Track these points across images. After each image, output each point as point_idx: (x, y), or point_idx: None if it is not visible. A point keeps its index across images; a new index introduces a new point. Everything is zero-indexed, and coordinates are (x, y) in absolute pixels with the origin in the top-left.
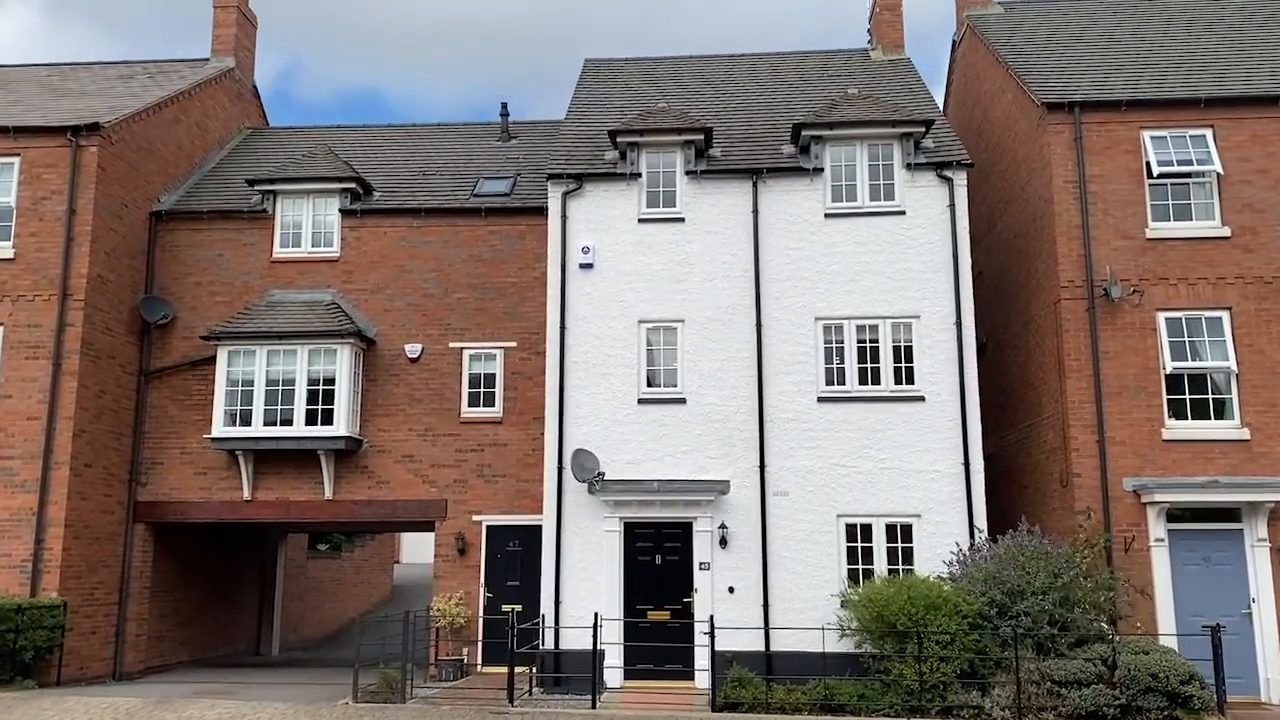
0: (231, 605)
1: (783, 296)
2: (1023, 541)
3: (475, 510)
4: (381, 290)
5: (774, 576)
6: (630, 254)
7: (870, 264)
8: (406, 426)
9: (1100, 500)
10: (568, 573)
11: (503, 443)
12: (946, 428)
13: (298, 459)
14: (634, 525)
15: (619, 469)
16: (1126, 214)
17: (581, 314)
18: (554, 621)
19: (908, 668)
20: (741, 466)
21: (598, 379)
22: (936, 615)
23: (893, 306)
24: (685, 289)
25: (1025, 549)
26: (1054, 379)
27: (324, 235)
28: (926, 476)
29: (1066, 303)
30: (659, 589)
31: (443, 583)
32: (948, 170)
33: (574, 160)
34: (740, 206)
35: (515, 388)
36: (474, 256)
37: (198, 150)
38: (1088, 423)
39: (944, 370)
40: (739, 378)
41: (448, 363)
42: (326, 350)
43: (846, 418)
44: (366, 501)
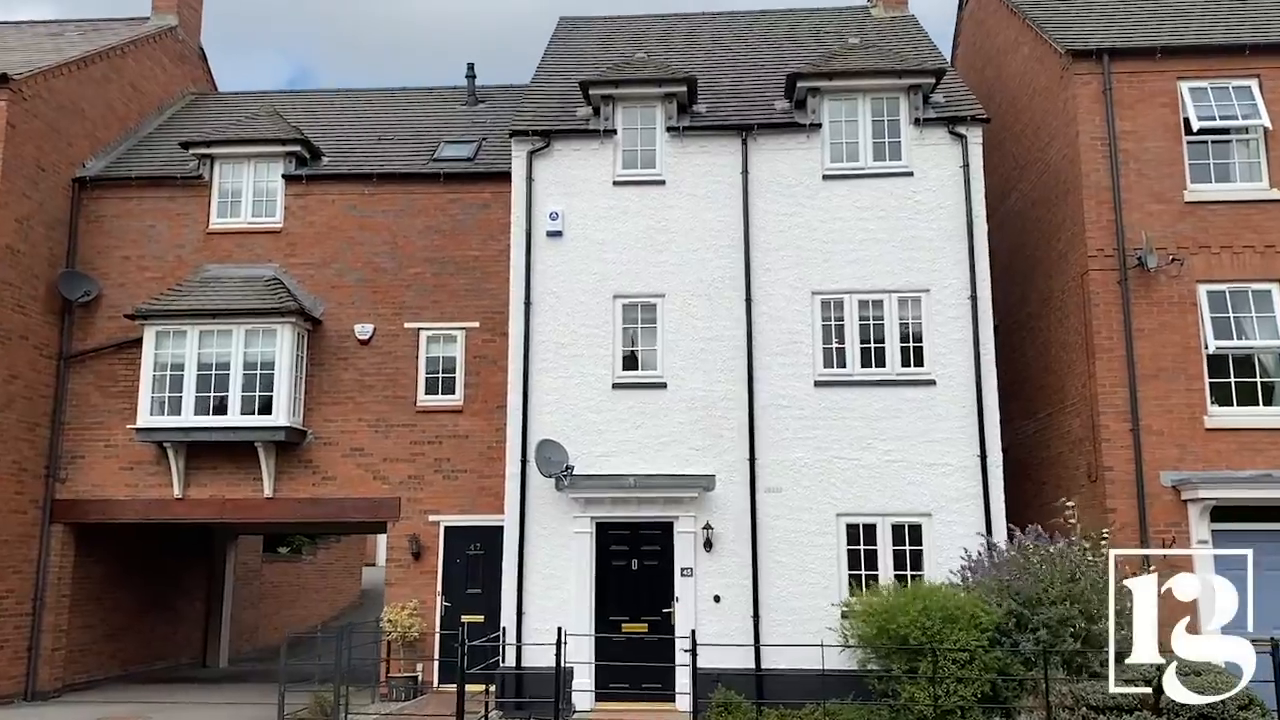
0: (173, 614)
1: (775, 268)
2: (1028, 544)
3: (432, 509)
4: (329, 264)
5: (766, 584)
6: (604, 221)
7: (874, 231)
8: (356, 416)
9: (1134, 497)
10: (532, 580)
11: (463, 434)
12: (960, 415)
13: (235, 452)
14: (607, 526)
15: (591, 462)
16: (1162, 175)
17: (549, 288)
18: (515, 636)
19: (920, 690)
20: (729, 459)
21: (567, 361)
22: (953, 629)
23: (899, 279)
24: (666, 260)
25: (1035, 552)
26: (1080, 361)
27: (266, 204)
28: (938, 470)
29: (1095, 274)
30: (635, 598)
31: (395, 591)
32: (960, 126)
33: (542, 116)
34: (728, 167)
35: (478, 373)
36: (432, 227)
37: (132, 114)
38: (1119, 410)
39: (957, 350)
40: (726, 360)
41: (402, 345)
42: (266, 330)
43: (847, 404)
44: (311, 500)
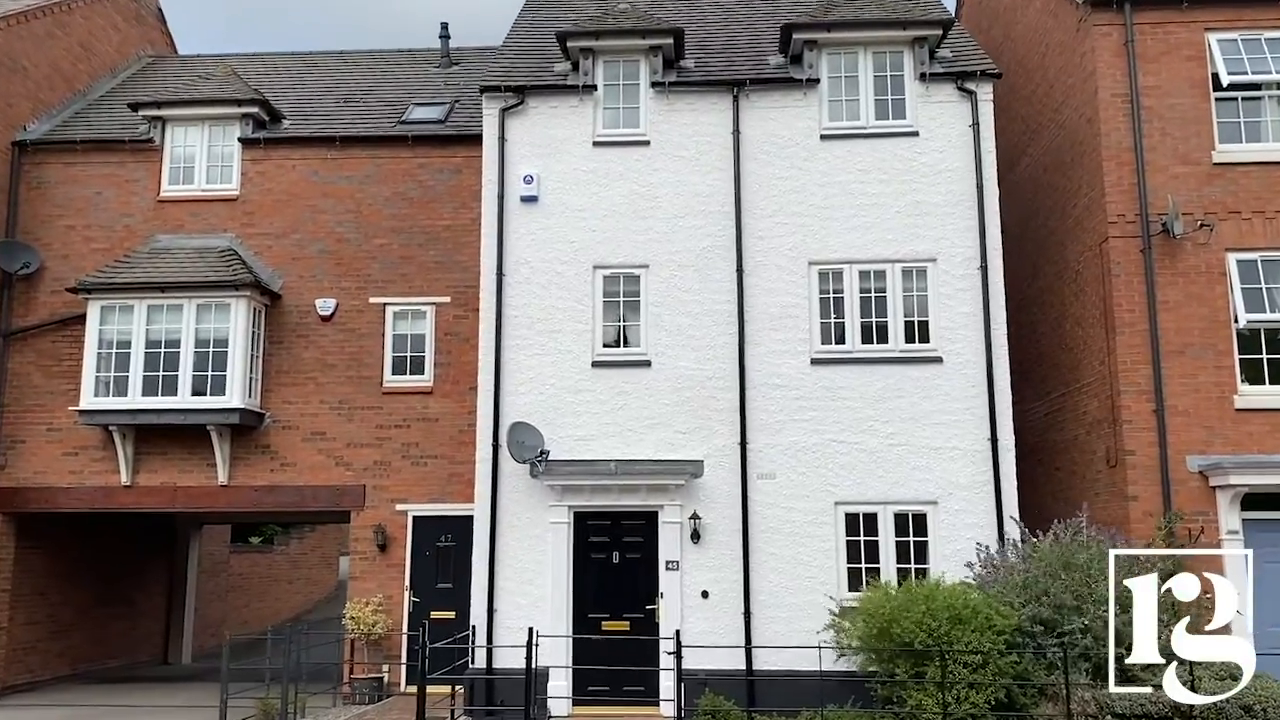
0: (130, 608)
1: (769, 236)
2: (1067, 540)
3: (399, 498)
4: (289, 235)
5: (758, 578)
6: (583, 185)
7: (876, 196)
8: (317, 398)
9: (1158, 483)
10: (504, 575)
11: (433, 417)
12: (969, 395)
13: (186, 437)
14: (586, 516)
15: (568, 447)
16: (1189, 134)
17: (523, 258)
18: (486, 636)
19: (927, 696)
20: (718, 443)
21: (543, 337)
22: (964, 630)
23: (903, 248)
24: (650, 227)
25: (1076, 550)
26: (1098, 337)
27: (221, 170)
28: (944, 455)
29: (1116, 242)
30: (617, 594)
31: (359, 585)
32: (969, 82)
33: (516, 71)
34: (717, 127)
35: (448, 351)
36: (400, 195)
37: (81, 75)
38: (1142, 389)
39: (966, 325)
40: (716, 336)
41: (367, 322)
42: (219, 305)
43: (847, 384)
44: (269, 488)
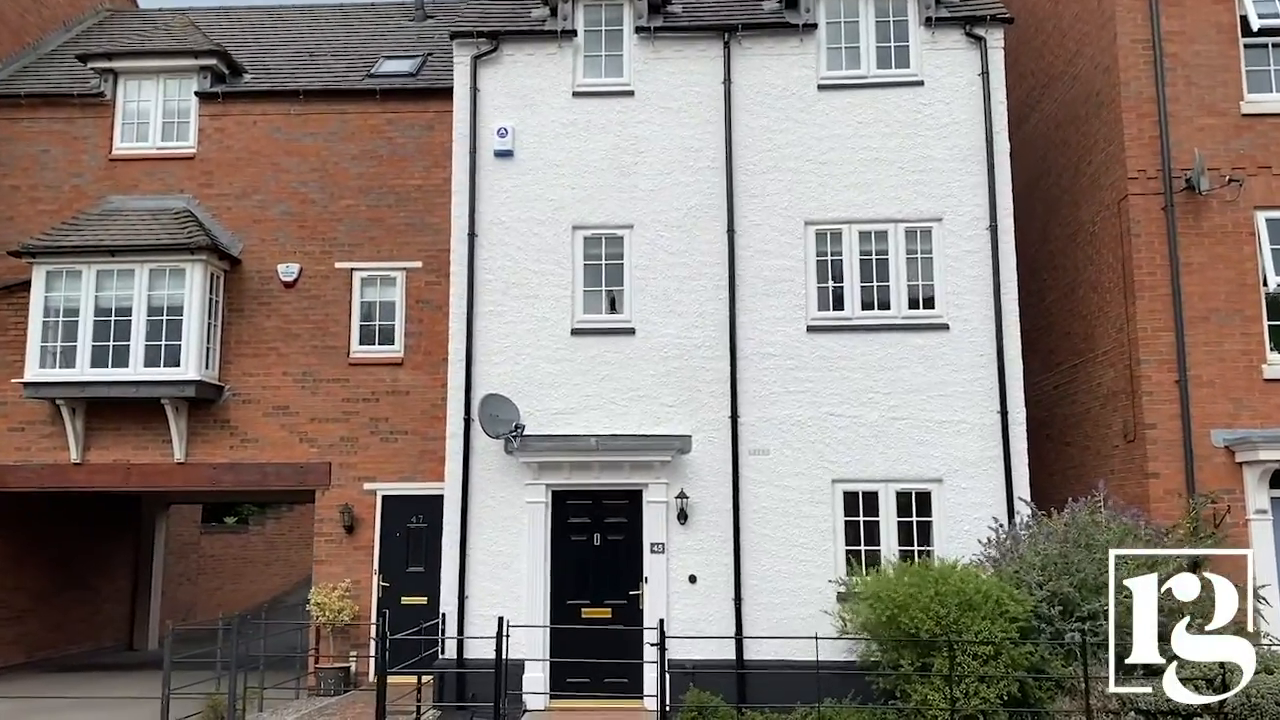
0: (92, 593)
1: (763, 194)
2: (1086, 518)
3: (368, 476)
4: (249, 196)
5: (750, 562)
6: (562, 138)
7: (878, 151)
8: (280, 369)
9: (1181, 459)
10: (476, 559)
11: (403, 390)
12: (977, 365)
13: (141, 411)
14: (565, 495)
15: (546, 421)
16: (1215, 83)
17: (497, 217)
18: (457, 624)
19: (934, 690)
20: (707, 417)
21: (519, 303)
22: (974, 618)
23: (907, 207)
24: (635, 185)
25: (1095, 530)
26: (1115, 303)
27: (178, 126)
28: (950, 429)
29: (1135, 200)
30: (598, 579)
31: (325, 569)
32: (979, 27)
33: (490, 17)
34: (707, 76)
35: (420, 320)
36: (368, 153)
37: (30, 27)
38: (1163, 358)
39: (974, 290)
40: (705, 301)
41: (333, 288)
42: (173, 270)
43: (846, 353)
44: (228, 465)
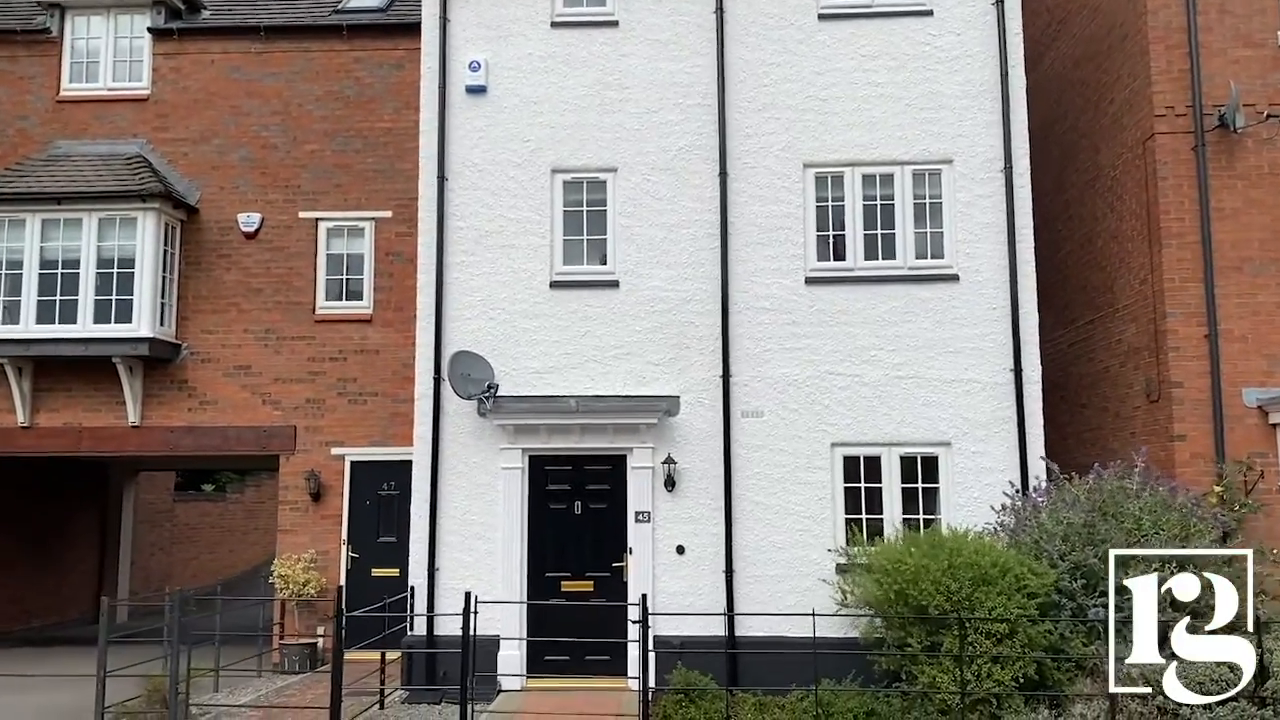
0: (56, 564)
1: (758, 134)
2: (1114, 484)
3: (335, 441)
4: (207, 140)
5: (742, 531)
6: (540, 73)
7: (883, 86)
8: (241, 327)
9: (1209, 420)
10: (448, 528)
11: (373, 349)
12: (989, 319)
13: (92, 371)
14: (543, 460)
15: (523, 380)
16: (1251, 10)
17: (469, 159)
18: (427, 598)
19: (943, 672)
20: (697, 377)
21: (493, 253)
22: (989, 593)
23: (914, 147)
24: (619, 124)
25: (1127, 495)
26: (1138, 252)
27: (130, 66)
28: (960, 389)
29: (1163, 139)
30: (579, 550)
31: (290, 539)
32: None
33: None
34: (698, 4)
35: (390, 274)
36: (334, 94)
37: None
38: (1191, 310)
39: (986, 237)
40: (695, 251)
41: (297, 239)
42: (124, 219)
43: (847, 306)
44: (186, 429)
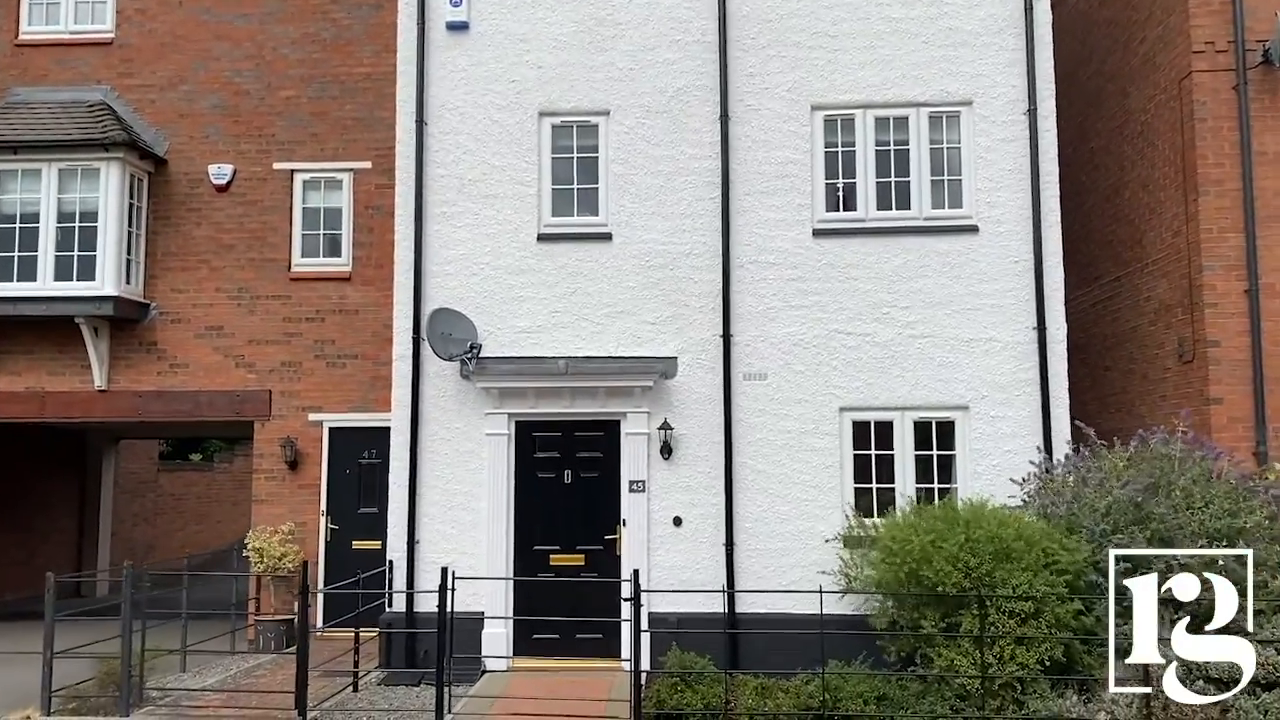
0: (30, 535)
1: (762, 74)
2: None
3: (313, 406)
4: (175, 87)
5: (744, 501)
6: (526, 7)
7: (897, 21)
8: (213, 285)
9: (1249, 381)
10: (429, 498)
11: (352, 308)
12: (1011, 273)
13: (55, 332)
14: (531, 426)
15: (509, 340)
16: None
17: (450, 102)
18: (407, 573)
19: (961, 655)
20: (696, 336)
21: (476, 204)
22: (1013, 569)
23: (931, 88)
24: (611, 63)
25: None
26: (1170, 202)
27: (93, 7)
28: (979, 348)
29: (1201, 78)
30: (568, 521)
31: (265, 510)
32: None
33: None
34: None
35: (370, 229)
36: (310, 36)
37: None
38: (1231, 263)
39: (1009, 185)
40: (693, 201)
41: (271, 192)
42: (86, 170)
43: (858, 260)
44: (156, 393)
